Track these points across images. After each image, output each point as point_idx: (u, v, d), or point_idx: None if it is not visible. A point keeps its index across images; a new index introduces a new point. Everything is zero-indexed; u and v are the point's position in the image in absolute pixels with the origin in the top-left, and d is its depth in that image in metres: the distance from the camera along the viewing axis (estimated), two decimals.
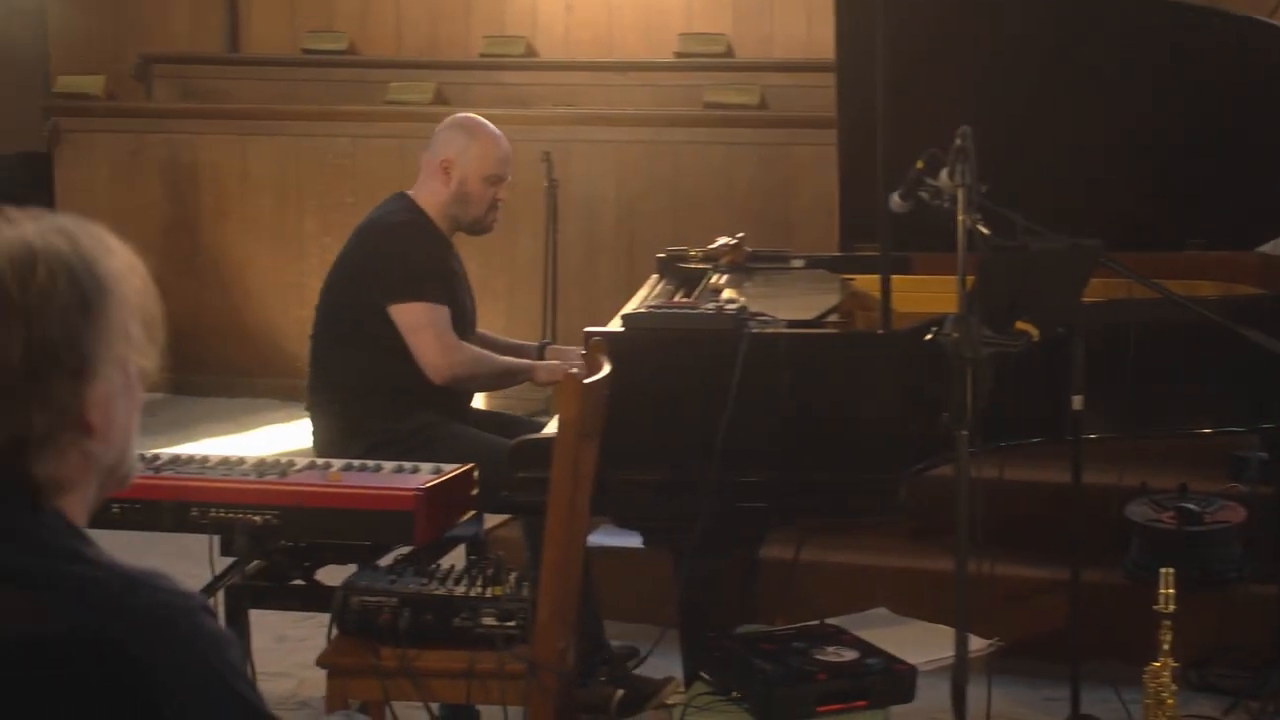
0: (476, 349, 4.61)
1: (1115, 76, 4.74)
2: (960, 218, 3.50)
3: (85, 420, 1.63)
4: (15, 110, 10.02)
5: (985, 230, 3.51)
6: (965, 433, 3.46)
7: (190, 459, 3.86)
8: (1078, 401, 3.94)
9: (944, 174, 3.63)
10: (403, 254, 4.54)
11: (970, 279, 3.46)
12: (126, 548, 1.86)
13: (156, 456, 3.84)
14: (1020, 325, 3.61)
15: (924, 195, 3.78)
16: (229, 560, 3.68)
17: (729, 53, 8.58)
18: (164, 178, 8.73)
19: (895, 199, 3.88)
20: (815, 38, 8.25)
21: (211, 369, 8.49)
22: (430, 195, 4.66)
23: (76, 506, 1.67)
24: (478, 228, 4.72)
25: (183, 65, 9.48)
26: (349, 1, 9.34)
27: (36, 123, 9.13)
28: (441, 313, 4.50)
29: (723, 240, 4.95)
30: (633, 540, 4.06)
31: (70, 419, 1.62)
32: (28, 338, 1.58)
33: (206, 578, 3.63)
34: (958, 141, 3.51)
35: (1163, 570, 3.79)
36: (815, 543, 4.76)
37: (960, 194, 3.50)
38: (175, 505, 3.61)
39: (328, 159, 8.47)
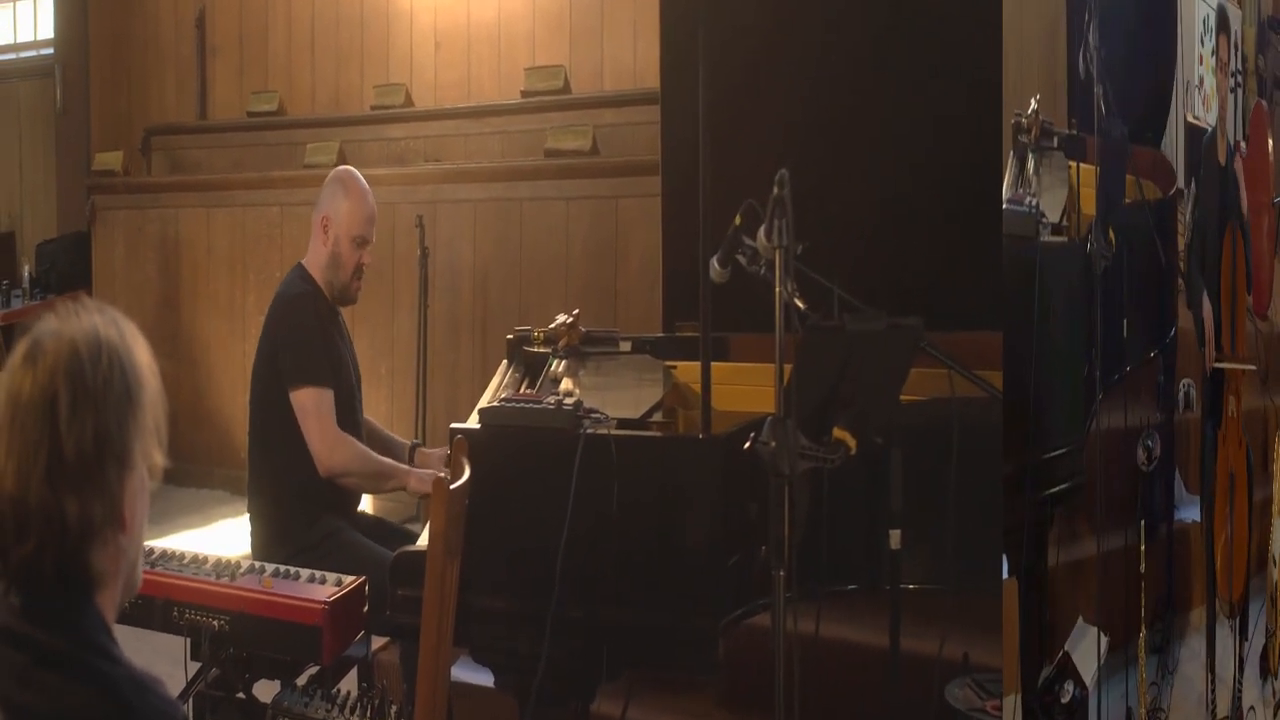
0: (358, 445, 4.26)
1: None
2: (777, 289, 2.66)
3: (121, 513, 1.69)
4: (67, 190, 9.71)
5: (801, 304, 2.67)
6: (782, 573, 2.68)
7: (172, 555, 3.74)
8: (895, 538, 3.09)
9: (761, 232, 2.79)
10: (292, 334, 4.23)
11: (788, 369, 2.62)
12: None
13: (151, 550, 3.69)
14: (837, 433, 2.77)
15: (741, 259, 2.96)
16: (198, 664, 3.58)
17: (566, 87, 7.72)
18: (156, 255, 8.41)
19: (715, 265, 3.09)
20: (641, 63, 7.44)
21: (183, 457, 7.75)
22: (314, 257, 4.36)
23: (109, 603, 1.73)
24: (345, 296, 4.39)
25: (167, 136, 9.11)
26: (278, 56, 8.60)
27: (82, 202, 8.89)
28: (327, 398, 4.20)
29: (561, 318, 4.49)
30: (486, 678, 3.63)
31: (114, 511, 1.68)
32: (96, 425, 1.64)
33: (182, 680, 3.55)
34: (775, 190, 2.67)
35: None
36: (640, 701, 4.07)
37: (777, 257, 2.66)
38: (164, 603, 3.52)
39: (262, 229, 7.91)
